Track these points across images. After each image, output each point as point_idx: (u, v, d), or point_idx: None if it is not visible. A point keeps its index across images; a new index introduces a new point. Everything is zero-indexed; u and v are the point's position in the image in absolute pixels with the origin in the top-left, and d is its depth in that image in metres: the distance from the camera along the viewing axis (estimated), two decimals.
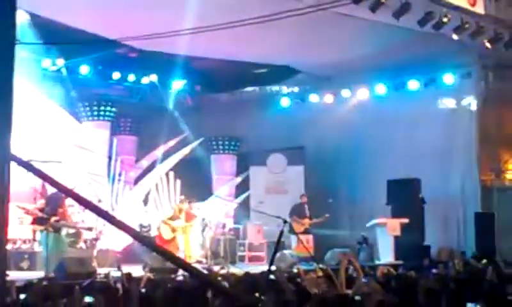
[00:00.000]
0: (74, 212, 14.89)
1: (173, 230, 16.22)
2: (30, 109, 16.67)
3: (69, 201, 13.42)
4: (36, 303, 6.52)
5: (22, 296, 7.58)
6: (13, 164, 4.02)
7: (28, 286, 8.87)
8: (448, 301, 6.98)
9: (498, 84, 17.62)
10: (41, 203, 14.31)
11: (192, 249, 16.61)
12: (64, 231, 14.19)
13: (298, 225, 17.12)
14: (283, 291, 7.84)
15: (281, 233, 7.77)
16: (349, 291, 8.47)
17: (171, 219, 16.50)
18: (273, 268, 10.46)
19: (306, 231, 17.41)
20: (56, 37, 15.40)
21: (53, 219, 13.75)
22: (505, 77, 17.47)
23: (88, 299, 6.50)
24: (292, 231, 15.82)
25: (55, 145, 16.97)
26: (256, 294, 7.25)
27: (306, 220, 17.57)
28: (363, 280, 9.07)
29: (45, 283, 10.27)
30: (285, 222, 7.80)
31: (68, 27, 14.66)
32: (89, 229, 15.27)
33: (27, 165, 5.53)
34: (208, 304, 6.80)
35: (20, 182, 14.88)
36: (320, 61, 17.86)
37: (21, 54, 15.87)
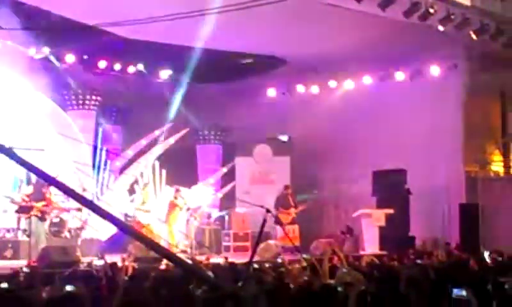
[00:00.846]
0: (58, 201, 14.86)
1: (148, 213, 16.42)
2: (15, 97, 16.58)
3: (54, 188, 13.38)
4: (18, 291, 6.48)
5: (4, 285, 7.56)
6: None
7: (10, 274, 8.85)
8: (430, 291, 7.01)
9: (483, 76, 17.64)
10: (28, 189, 14.30)
11: (177, 239, 16.61)
12: (48, 220, 14.17)
13: (285, 216, 17.11)
14: (266, 281, 7.86)
15: (264, 223, 7.75)
16: (332, 281, 8.51)
17: (142, 204, 16.74)
18: (256, 258, 10.48)
19: (292, 221, 17.42)
20: (41, 25, 15.30)
21: (40, 203, 13.75)
22: (491, 69, 17.49)
23: (69, 288, 6.48)
24: (279, 222, 15.79)
25: (40, 134, 16.89)
26: (239, 284, 7.27)
27: (292, 210, 17.58)
28: (344, 270, 9.12)
29: (26, 269, 10.25)
30: (268, 211, 7.77)
31: (53, 15, 14.56)
32: (79, 209, 15.18)
33: (9, 153, 5.52)
34: (191, 293, 6.79)
35: (4, 172, 14.94)
36: (307, 52, 17.82)
37: (6, 43, 15.79)
